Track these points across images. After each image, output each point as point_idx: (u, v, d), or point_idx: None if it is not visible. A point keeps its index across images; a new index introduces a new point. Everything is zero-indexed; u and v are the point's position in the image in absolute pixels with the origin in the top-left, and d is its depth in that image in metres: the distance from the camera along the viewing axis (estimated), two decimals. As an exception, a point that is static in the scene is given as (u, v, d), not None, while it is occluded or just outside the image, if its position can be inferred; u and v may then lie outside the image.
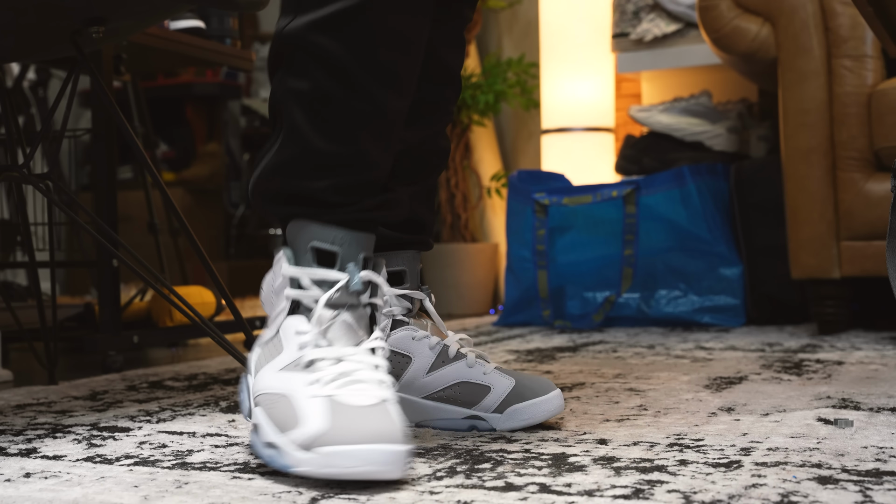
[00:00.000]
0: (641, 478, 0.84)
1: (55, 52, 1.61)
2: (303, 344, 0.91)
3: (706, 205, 2.49)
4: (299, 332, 0.92)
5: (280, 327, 0.94)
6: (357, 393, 0.87)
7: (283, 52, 0.95)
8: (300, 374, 0.90)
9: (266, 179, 0.97)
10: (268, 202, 0.98)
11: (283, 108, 0.95)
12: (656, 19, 2.93)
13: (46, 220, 2.33)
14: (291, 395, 0.89)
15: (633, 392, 1.36)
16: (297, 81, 0.94)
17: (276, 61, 0.96)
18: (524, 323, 2.67)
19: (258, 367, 0.96)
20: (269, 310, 0.99)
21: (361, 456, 0.80)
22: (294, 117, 0.95)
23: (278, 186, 0.97)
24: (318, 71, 0.94)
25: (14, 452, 1.02)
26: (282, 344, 0.94)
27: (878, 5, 1.17)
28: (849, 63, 2.14)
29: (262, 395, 0.92)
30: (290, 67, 0.95)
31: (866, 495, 0.77)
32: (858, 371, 1.54)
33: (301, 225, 0.95)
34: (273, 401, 0.90)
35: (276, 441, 0.87)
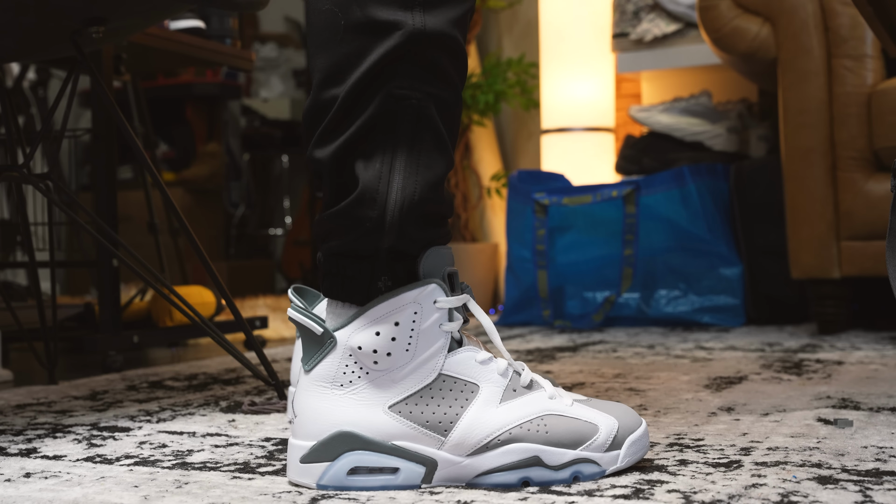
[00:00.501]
0: (641, 478, 0.85)
1: (55, 52, 1.61)
2: (502, 371, 0.86)
3: (706, 205, 2.49)
4: (483, 361, 0.85)
5: (444, 368, 0.84)
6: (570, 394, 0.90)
7: (418, 53, 0.82)
8: (532, 394, 0.86)
9: (422, 202, 0.84)
10: (416, 228, 0.84)
11: (425, 115, 0.83)
12: (656, 19, 2.93)
13: (46, 220, 2.33)
14: (556, 412, 0.85)
15: (633, 392, 1.36)
16: (441, 88, 0.84)
17: (394, 57, 0.82)
18: (524, 323, 2.67)
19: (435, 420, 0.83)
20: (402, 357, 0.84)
21: (645, 437, 0.89)
22: (438, 127, 0.84)
23: (432, 208, 0.85)
24: (458, 73, 0.86)
25: (14, 452, 1.02)
26: (467, 382, 0.85)
27: (878, 5, 1.17)
28: (849, 63, 2.14)
29: (514, 429, 0.84)
30: (435, 71, 0.83)
31: (866, 495, 0.77)
32: (858, 371, 1.54)
33: (439, 250, 0.85)
34: (541, 426, 0.84)
35: (587, 455, 0.84)
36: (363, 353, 0.83)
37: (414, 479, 0.83)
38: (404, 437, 0.83)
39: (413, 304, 0.83)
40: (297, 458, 0.84)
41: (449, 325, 0.84)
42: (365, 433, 0.83)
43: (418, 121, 0.83)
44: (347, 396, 0.83)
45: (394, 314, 0.83)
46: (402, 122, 0.83)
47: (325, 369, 0.84)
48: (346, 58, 0.82)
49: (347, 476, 0.83)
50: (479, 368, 0.85)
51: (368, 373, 0.83)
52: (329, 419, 0.83)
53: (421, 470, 0.83)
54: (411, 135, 0.83)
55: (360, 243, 0.84)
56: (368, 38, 0.81)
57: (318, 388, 0.84)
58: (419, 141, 0.83)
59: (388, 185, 0.82)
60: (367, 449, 0.83)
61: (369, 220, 0.82)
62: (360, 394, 0.83)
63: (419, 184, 0.83)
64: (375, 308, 0.83)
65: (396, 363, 0.83)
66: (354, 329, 0.83)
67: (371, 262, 0.84)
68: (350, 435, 0.83)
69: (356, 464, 0.83)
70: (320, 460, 0.83)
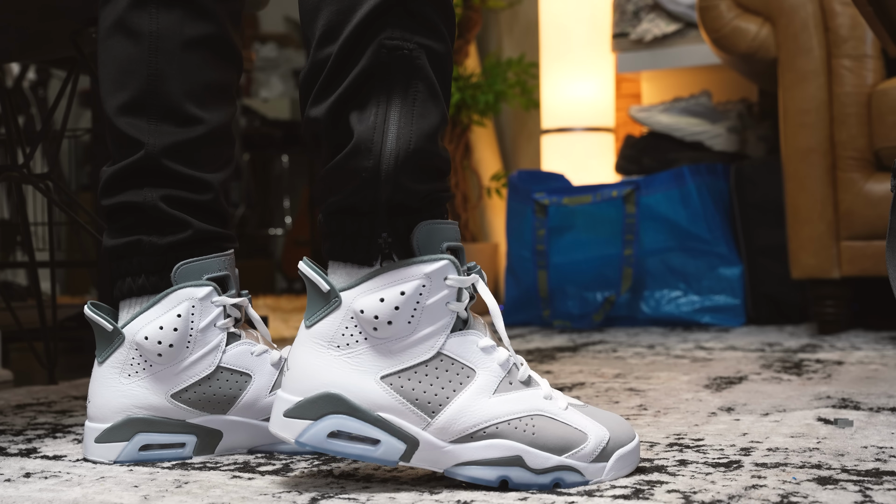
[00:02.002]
0: (641, 478, 0.85)
1: (55, 52, 1.61)
2: (502, 362, 0.84)
3: (706, 205, 2.50)
4: (485, 348, 0.84)
5: (444, 348, 0.83)
6: (567, 398, 0.88)
7: (406, 5, 0.83)
8: (527, 391, 0.84)
9: (418, 152, 0.83)
10: (413, 179, 0.83)
11: (418, 64, 0.83)
12: (656, 19, 2.93)
13: (46, 220, 2.32)
14: (548, 414, 0.83)
15: (633, 392, 1.36)
16: (431, 39, 0.84)
17: (384, 9, 0.82)
18: (524, 323, 2.67)
19: (425, 399, 0.82)
20: (403, 329, 0.82)
21: (635, 452, 0.86)
22: (431, 77, 0.84)
23: (429, 159, 0.84)
24: (447, 27, 0.85)
25: (14, 452, 1.02)
26: (465, 366, 0.83)
27: (878, 5, 1.17)
28: (849, 63, 2.14)
29: (502, 424, 0.82)
30: (424, 22, 0.83)
31: (866, 495, 0.77)
32: (858, 371, 1.54)
33: (432, 224, 0.84)
34: (529, 426, 0.82)
35: (571, 463, 0.82)
36: (364, 318, 0.82)
37: (392, 454, 0.82)
38: (391, 411, 0.82)
39: (423, 278, 0.82)
40: (281, 411, 0.84)
41: (456, 304, 0.83)
42: (353, 399, 0.82)
43: (411, 70, 0.83)
44: (342, 359, 0.83)
45: (401, 284, 0.82)
46: (395, 72, 0.82)
47: (325, 327, 0.83)
48: (336, 14, 0.83)
49: (327, 438, 0.82)
50: (479, 354, 0.84)
51: (367, 338, 0.82)
52: (320, 378, 0.83)
53: (401, 447, 0.82)
54: (405, 84, 0.83)
55: (357, 197, 0.83)
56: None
57: (314, 346, 0.83)
58: (413, 90, 0.83)
59: (382, 135, 0.82)
60: (352, 415, 0.82)
61: (365, 170, 0.82)
62: (355, 358, 0.83)
63: (414, 133, 0.83)
64: (384, 275, 0.82)
65: (396, 333, 0.82)
66: (360, 292, 0.82)
67: (370, 217, 0.83)
68: (337, 398, 0.82)
69: (338, 427, 0.82)
70: (304, 417, 0.82)
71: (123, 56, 1.00)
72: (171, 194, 0.99)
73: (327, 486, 0.83)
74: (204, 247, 1.00)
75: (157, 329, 0.96)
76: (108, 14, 1.01)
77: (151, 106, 0.99)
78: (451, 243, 0.84)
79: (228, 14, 1.03)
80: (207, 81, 1.01)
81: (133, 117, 0.99)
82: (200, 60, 1.01)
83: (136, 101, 0.99)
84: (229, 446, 1.00)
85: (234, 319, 1.00)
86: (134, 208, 0.99)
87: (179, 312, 0.96)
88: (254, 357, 1.00)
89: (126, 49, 1.00)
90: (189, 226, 0.99)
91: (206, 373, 0.98)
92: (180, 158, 0.99)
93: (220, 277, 1.00)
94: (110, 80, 1.00)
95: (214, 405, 0.98)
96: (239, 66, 1.06)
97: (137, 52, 0.99)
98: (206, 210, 1.01)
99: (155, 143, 0.98)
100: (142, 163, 0.99)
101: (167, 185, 0.99)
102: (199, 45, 1.01)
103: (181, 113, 1.00)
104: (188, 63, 1.00)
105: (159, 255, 0.99)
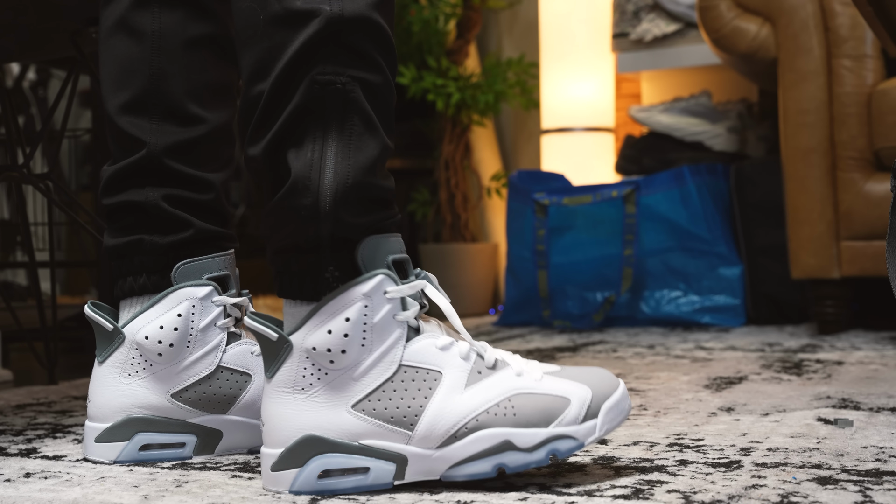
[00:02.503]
0: (641, 478, 0.85)
1: (55, 52, 1.61)
2: (465, 354, 0.84)
3: (706, 205, 2.50)
4: (444, 347, 0.84)
5: (403, 359, 0.83)
6: (542, 366, 0.88)
7: (338, 38, 0.82)
8: (498, 374, 0.84)
9: (357, 186, 0.82)
10: (353, 214, 0.83)
11: (351, 98, 0.82)
12: (656, 19, 2.93)
13: (46, 220, 2.33)
14: (524, 390, 0.83)
15: (633, 392, 1.36)
16: (366, 71, 0.83)
17: (315, 44, 0.81)
18: (524, 323, 2.67)
19: (399, 414, 0.82)
20: (360, 354, 0.82)
21: (624, 399, 0.86)
22: (367, 110, 0.83)
23: (369, 192, 0.84)
24: (384, 57, 0.85)
25: (14, 452, 1.02)
26: (430, 370, 0.83)
27: (878, 5, 1.17)
28: (849, 63, 2.14)
29: (481, 415, 0.82)
30: (358, 55, 0.82)
31: (866, 495, 0.77)
32: (858, 371, 1.54)
33: (377, 239, 0.84)
34: (508, 408, 0.82)
35: (559, 431, 0.82)
36: (318, 354, 0.82)
37: (385, 477, 0.82)
38: (371, 436, 0.82)
39: (363, 298, 0.81)
40: (268, 467, 0.83)
41: (403, 314, 0.83)
42: (330, 436, 0.82)
43: (345, 105, 0.82)
44: (309, 400, 0.82)
45: (343, 311, 0.81)
46: (329, 108, 0.82)
47: (285, 375, 0.83)
48: (268, 51, 0.82)
49: (319, 480, 0.81)
50: (440, 355, 0.83)
51: (327, 373, 0.82)
52: (294, 424, 0.82)
53: (391, 467, 0.82)
54: (340, 119, 0.82)
55: (298, 235, 0.83)
56: (288, 29, 0.82)
57: (280, 395, 0.83)
58: (348, 124, 0.83)
59: (319, 172, 0.81)
60: (335, 451, 0.82)
61: (304, 208, 0.81)
62: (320, 396, 0.82)
63: (352, 167, 0.82)
64: (325, 306, 0.82)
65: (353, 360, 0.82)
66: (307, 330, 0.82)
67: (315, 253, 0.83)
68: (316, 438, 0.82)
69: (326, 467, 0.82)
70: (290, 467, 0.82)
71: (125, 55, 1.00)
72: (173, 194, 0.99)
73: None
74: (205, 246, 1.00)
75: (158, 328, 0.96)
76: (111, 14, 1.01)
77: (153, 105, 0.99)
78: (396, 256, 0.84)
79: (230, 14, 1.03)
80: (209, 81, 1.01)
81: (135, 116, 0.99)
82: (202, 60, 1.01)
83: (138, 101, 0.99)
84: (229, 446, 1.00)
85: (234, 319, 1.00)
86: (135, 208, 0.99)
87: (180, 312, 0.96)
88: (254, 357, 1.00)
89: (128, 48, 1.00)
90: (190, 225, 0.99)
91: (206, 372, 0.98)
92: (182, 158, 0.99)
93: (220, 277, 1.00)
94: (112, 80, 1.01)
95: (214, 405, 0.98)
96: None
97: (140, 52, 1.00)
98: (207, 209, 1.01)
99: (157, 143, 0.98)
100: (143, 162, 0.99)
101: (169, 184, 0.99)
102: (201, 44, 1.01)
103: (183, 112, 1.00)
104: (190, 63, 1.00)
105: (160, 255, 0.99)
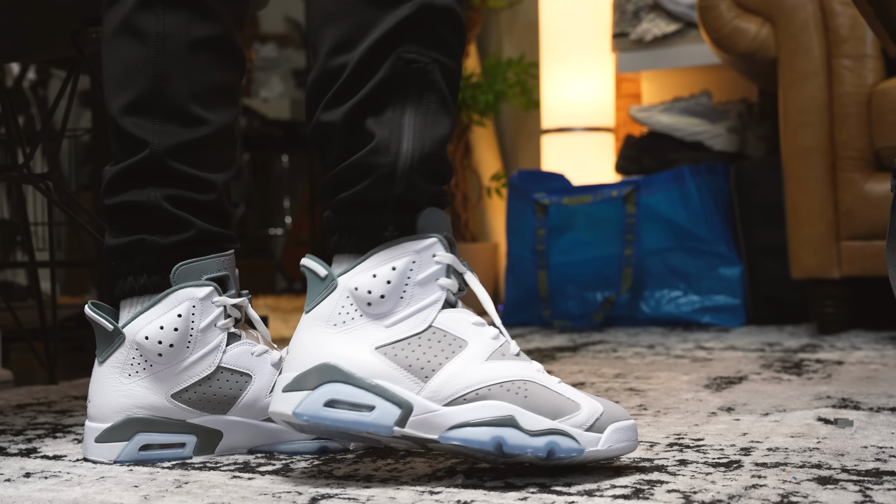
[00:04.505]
0: (641, 478, 0.85)
1: (55, 52, 1.61)
2: (494, 335, 0.87)
3: (706, 205, 2.50)
4: (476, 323, 0.88)
5: (435, 321, 0.87)
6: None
7: (425, 23, 0.88)
8: (520, 361, 0.87)
9: (431, 156, 0.88)
10: (428, 180, 0.89)
11: (431, 77, 0.88)
12: (656, 19, 2.93)
13: (46, 220, 2.32)
14: (540, 382, 0.85)
15: (633, 392, 1.36)
16: (444, 55, 0.89)
17: (404, 27, 0.87)
18: (524, 323, 2.67)
19: (418, 365, 0.85)
20: (396, 304, 0.86)
21: (632, 431, 0.86)
22: (443, 90, 0.90)
23: (439, 163, 0.90)
24: (459, 45, 0.91)
25: (14, 452, 1.02)
26: (457, 337, 0.86)
27: (878, 5, 1.17)
28: (849, 63, 2.14)
29: (494, 386, 0.84)
30: (439, 40, 0.89)
31: (866, 495, 0.77)
32: (858, 371, 1.54)
33: (436, 210, 0.89)
34: (521, 389, 0.84)
35: (565, 427, 0.83)
36: (359, 294, 0.86)
37: (388, 419, 0.83)
38: (386, 377, 0.84)
39: (412, 254, 0.86)
40: (280, 388, 0.86)
41: (446, 280, 0.88)
42: (349, 367, 0.84)
43: (425, 83, 0.88)
44: (339, 334, 0.86)
45: (392, 261, 0.86)
46: (411, 84, 0.88)
47: (323, 309, 0.87)
48: (357, 27, 0.88)
49: (324, 407, 0.84)
50: (471, 328, 0.87)
51: (362, 315, 0.86)
52: (317, 353, 0.85)
53: (396, 411, 0.83)
54: (419, 95, 0.88)
55: (371, 191, 0.87)
56: (379, 8, 0.88)
57: (313, 327, 0.87)
58: (427, 101, 0.89)
59: (399, 137, 0.87)
60: (348, 382, 0.84)
61: (383, 166, 0.87)
62: (351, 333, 0.86)
63: (428, 138, 0.88)
64: (377, 255, 0.86)
65: (390, 308, 0.86)
66: (355, 272, 0.86)
67: (379, 211, 0.88)
68: (333, 367, 0.84)
69: (334, 395, 0.83)
70: (301, 388, 0.84)
71: (129, 56, 1.00)
72: (175, 194, 0.99)
73: (327, 486, 0.84)
74: (206, 247, 1.00)
75: (158, 329, 0.96)
76: (114, 15, 1.01)
77: (157, 106, 1.00)
78: (449, 234, 0.89)
79: (233, 15, 1.04)
80: (212, 82, 1.02)
81: (138, 117, 1.00)
82: (205, 61, 1.01)
83: (142, 101, 1.00)
84: (229, 446, 1.00)
85: (234, 319, 1.00)
86: (137, 208, 0.99)
87: (180, 312, 0.97)
88: (254, 357, 1.00)
89: (132, 49, 1.00)
90: (192, 226, 0.99)
91: (206, 373, 0.98)
92: (184, 158, 1.00)
93: (220, 277, 1.00)
94: (115, 80, 1.01)
95: (214, 405, 0.98)
96: (242, 68, 1.07)
97: (143, 53, 1.00)
98: (209, 210, 1.01)
99: (160, 143, 0.99)
100: (146, 162, 0.99)
101: (171, 184, 0.99)
102: (205, 46, 1.01)
103: (186, 113, 1.00)
104: (193, 64, 1.00)
105: (161, 255, 0.99)
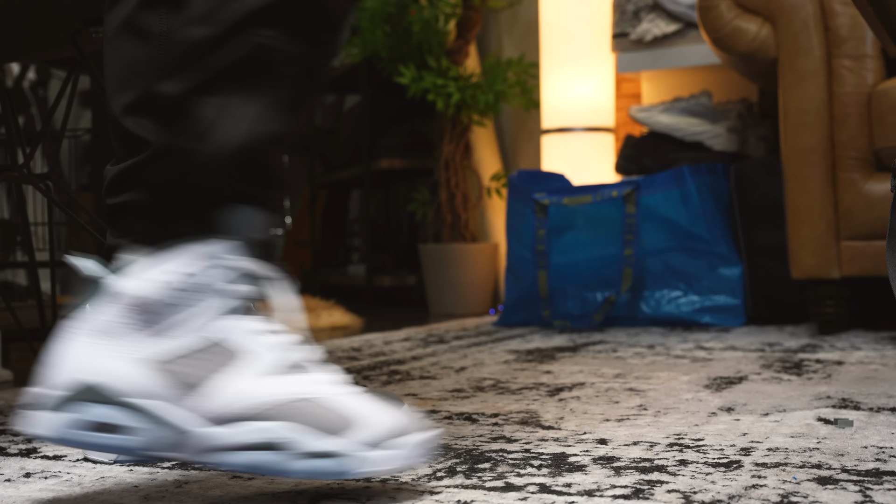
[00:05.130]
0: (641, 478, 0.85)
1: (55, 52, 1.61)
2: (280, 346, 0.80)
3: (706, 205, 2.50)
4: (258, 331, 0.80)
5: (213, 331, 0.79)
6: (353, 387, 0.82)
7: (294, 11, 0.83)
8: (303, 376, 0.79)
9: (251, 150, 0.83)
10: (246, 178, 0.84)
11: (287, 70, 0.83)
12: (656, 19, 2.93)
13: (46, 220, 2.32)
14: (321, 397, 0.78)
15: (633, 392, 1.36)
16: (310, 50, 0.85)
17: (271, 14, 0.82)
18: (524, 323, 2.67)
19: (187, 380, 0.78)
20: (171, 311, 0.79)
21: (421, 444, 0.79)
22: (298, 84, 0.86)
23: (263, 162, 0.84)
24: (329, 43, 0.88)
25: (14, 452, 1.02)
26: (237, 349, 0.79)
27: (878, 5, 1.17)
28: (849, 63, 2.14)
29: (263, 406, 0.77)
30: (307, 31, 0.85)
31: (866, 495, 0.77)
32: (858, 371, 1.54)
33: (248, 210, 0.82)
34: (299, 408, 0.77)
35: (335, 447, 0.76)
36: (129, 298, 0.78)
37: (149, 440, 0.77)
38: (150, 395, 0.77)
39: (198, 257, 0.79)
40: (35, 404, 0.79)
41: (234, 287, 0.80)
42: (108, 382, 0.77)
43: (279, 72, 0.83)
44: (103, 344, 0.78)
45: (169, 262, 0.79)
46: (255, 70, 0.82)
47: (87, 315, 0.80)
48: (222, 1, 0.82)
49: (75, 430, 0.77)
50: (250, 337, 0.79)
51: (131, 322, 0.78)
52: (77, 366, 0.78)
53: (156, 431, 0.77)
54: (267, 83, 0.82)
55: (160, 173, 0.82)
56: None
57: (75, 335, 0.80)
58: (273, 92, 0.83)
59: (216, 122, 0.81)
60: (106, 402, 0.77)
61: (183, 149, 0.81)
62: (116, 342, 0.78)
63: (253, 132, 0.83)
64: (155, 256, 0.79)
65: (163, 315, 0.78)
66: (126, 274, 0.79)
67: (170, 202, 0.82)
68: (90, 386, 0.77)
69: (89, 417, 0.77)
70: (57, 408, 0.77)
71: (131, 56, 1.00)
72: None
73: (327, 487, 0.83)
74: None
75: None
76: (116, 14, 1.01)
77: (159, 106, 1.00)
78: (261, 235, 0.82)
79: None
80: None
81: (140, 117, 1.00)
82: None
83: (144, 101, 1.00)
84: None
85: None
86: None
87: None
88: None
89: (134, 49, 1.00)
90: None
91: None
92: None
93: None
94: (117, 80, 1.01)
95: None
96: None
97: (146, 52, 1.00)
98: None
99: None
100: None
101: None
102: None
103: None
104: None
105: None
